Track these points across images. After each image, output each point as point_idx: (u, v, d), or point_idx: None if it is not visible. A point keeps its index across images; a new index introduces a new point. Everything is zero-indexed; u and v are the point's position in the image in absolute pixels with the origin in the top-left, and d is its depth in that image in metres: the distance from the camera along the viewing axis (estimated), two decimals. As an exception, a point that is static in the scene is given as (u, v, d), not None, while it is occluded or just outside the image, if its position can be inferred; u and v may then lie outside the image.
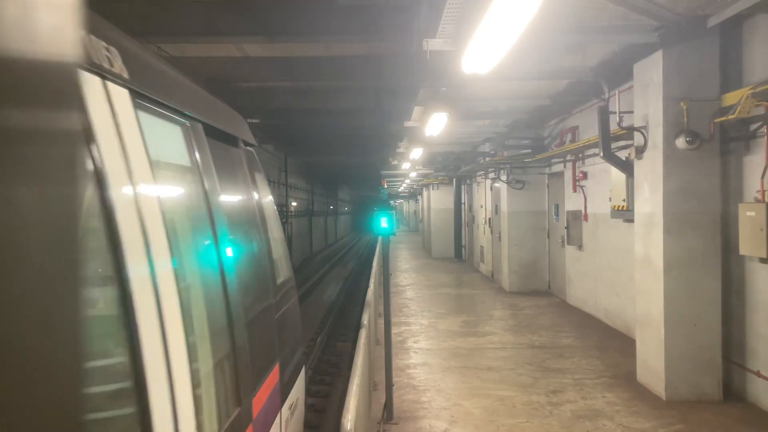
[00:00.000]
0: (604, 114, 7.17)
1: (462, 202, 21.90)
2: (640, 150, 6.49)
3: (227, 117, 3.50)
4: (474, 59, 4.88)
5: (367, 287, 8.18)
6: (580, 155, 10.74)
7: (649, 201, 6.34)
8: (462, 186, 21.81)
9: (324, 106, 11.68)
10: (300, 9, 7.00)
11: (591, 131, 9.34)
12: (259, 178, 4.01)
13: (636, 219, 6.75)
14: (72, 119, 0.62)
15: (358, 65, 9.13)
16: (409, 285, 14.95)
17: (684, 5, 5.40)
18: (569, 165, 11.37)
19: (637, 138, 6.56)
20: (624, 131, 7.14)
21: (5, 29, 0.50)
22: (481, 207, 17.72)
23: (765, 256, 5.43)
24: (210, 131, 2.87)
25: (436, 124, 9.25)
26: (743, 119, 5.62)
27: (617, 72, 7.10)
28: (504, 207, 13.96)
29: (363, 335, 4.83)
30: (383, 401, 5.76)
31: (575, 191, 11.07)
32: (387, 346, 5.90)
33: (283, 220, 18.14)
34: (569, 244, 11.46)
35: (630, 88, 7.12)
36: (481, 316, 10.83)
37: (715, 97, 5.96)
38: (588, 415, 5.69)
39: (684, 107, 5.94)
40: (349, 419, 2.90)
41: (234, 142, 3.51)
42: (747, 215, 5.61)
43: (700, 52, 5.99)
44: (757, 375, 5.79)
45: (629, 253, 7.86)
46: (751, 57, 5.85)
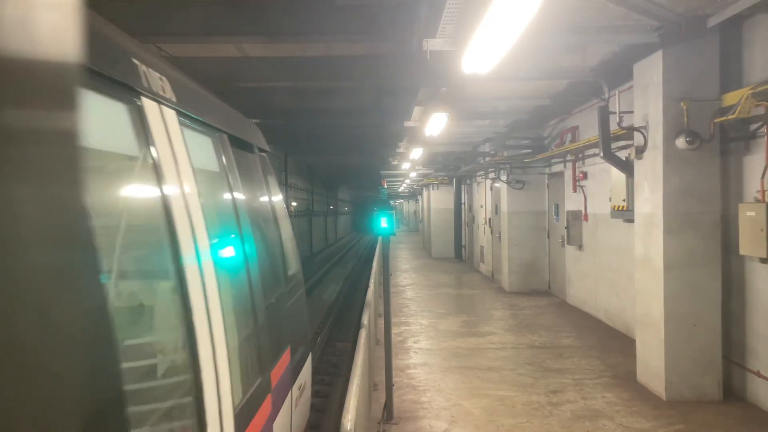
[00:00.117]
0: (604, 114, 7.17)
1: (462, 202, 21.90)
2: (640, 150, 6.49)
3: (244, 126, 3.95)
4: (474, 59, 4.88)
5: (367, 287, 8.17)
6: (580, 155, 10.74)
7: (649, 201, 6.34)
8: (462, 186, 21.80)
9: (324, 106, 11.67)
10: (300, 9, 6.99)
11: (591, 131, 9.34)
12: (271, 180, 4.47)
13: (636, 219, 6.75)
14: (72, 119, 0.62)
15: (358, 65, 9.13)
16: (409, 285, 14.95)
17: (684, 5, 5.40)
18: (569, 165, 11.37)
19: (637, 138, 6.56)
20: (624, 131, 7.14)
21: (9, 29, 0.50)
22: (481, 207, 17.71)
23: (765, 256, 5.43)
24: (233, 140, 3.33)
25: (436, 124, 9.25)
26: (743, 119, 5.62)
27: (617, 72, 7.10)
28: (504, 207, 13.96)
29: (363, 335, 4.83)
30: (383, 401, 5.76)
31: (575, 191, 11.07)
32: (387, 346, 5.90)
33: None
34: (569, 244, 11.46)
35: (630, 88, 7.12)
36: (481, 316, 10.83)
37: (715, 97, 5.96)
38: (588, 415, 5.70)
39: (684, 107, 5.94)
40: (349, 419, 2.90)
41: (250, 148, 3.95)
42: (747, 215, 5.61)
43: (700, 52, 5.99)
44: (757, 375, 5.79)
45: (629, 253, 7.86)
46: (751, 57, 5.85)
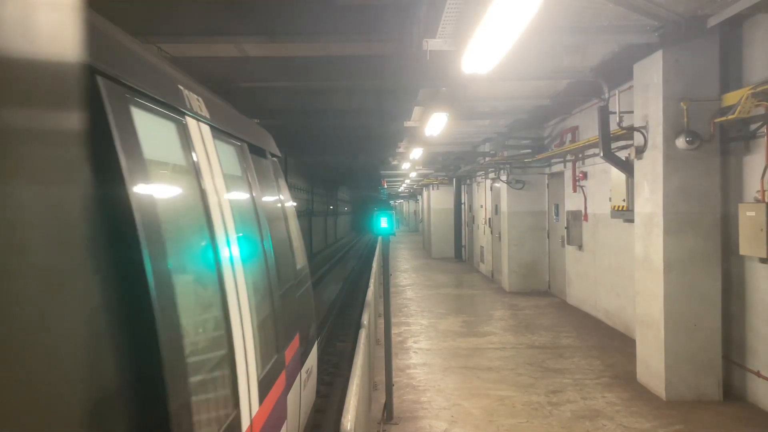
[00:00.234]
0: (604, 114, 7.16)
1: (462, 202, 21.89)
2: (640, 150, 6.49)
3: (259, 135, 4.42)
4: (474, 59, 4.88)
5: (367, 287, 8.17)
6: (580, 155, 10.74)
7: (649, 201, 6.34)
8: (462, 186, 21.80)
9: (324, 106, 11.66)
10: (300, 9, 6.98)
11: (591, 131, 9.34)
12: (282, 182, 4.96)
13: (636, 219, 6.75)
14: (72, 119, 0.62)
15: (358, 65, 9.12)
16: (409, 285, 14.95)
17: (684, 5, 5.40)
18: (569, 165, 11.37)
19: (637, 138, 6.56)
20: (624, 131, 7.13)
21: (10, 29, 0.50)
22: (481, 207, 17.71)
23: (765, 256, 5.43)
24: (251, 148, 3.82)
25: (436, 124, 9.25)
26: (743, 119, 5.63)
27: (617, 72, 7.10)
28: (504, 207, 13.96)
29: (363, 335, 4.82)
30: (383, 401, 5.76)
31: (575, 191, 11.07)
32: (387, 346, 5.90)
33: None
34: (569, 244, 11.46)
35: (630, 88, 7.12)
36: (481, 316, 10.83)
37: (715, 97, 5.96)
38: (588, 415, 5.69)
39: (684, 107, 5.94)
40: (349, 419, 2.90)
41: (264, 154, 4.40)
42: (747, 215, 5.60)
43: (700, 52, 5.99)
44: (757, 375, 5.79)
45: (629, 253, 7.86)
46: (751, 57, 5.85)
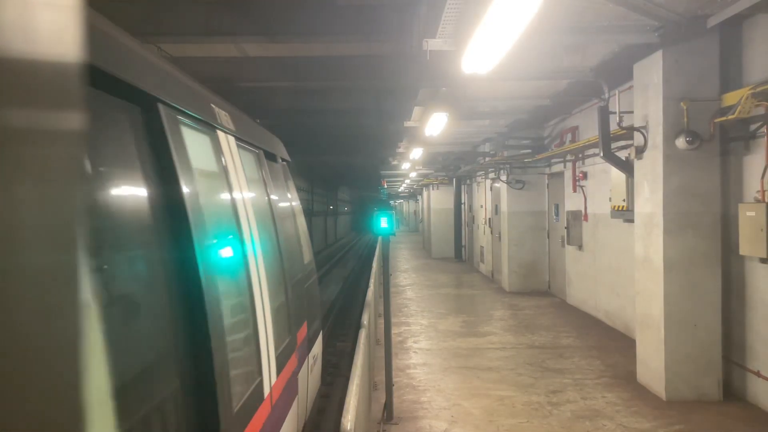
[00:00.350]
0: (604, 114, 7.17)
1: (462, 202, 21.89)
2: (640, 150, 6.49)
3: (271, 141, 4.88)
4: (474, 59, 4.88)
5: (367, 287, 8.17)
6: (580, 155, 10.74)
7: (649, 201, 6.34)
8: (462, 186, 21.79)
9: (324, 106, 11.65)
10: (300, 9, 6.98)
11: (591, 131, 9.34)
12: (291, 184, 5.52)
13: (636, 219, 6.75)
14: (72, 119, 0.62)
15: (358, 65, 9.12)
16: (409, 285, 14.95)
17: (684, 5, 5.40)
18: (569, 165, 11.37)
19: (637, 138, 6.56)
20: (624, 131, 7.13)
21: (10, 29, 0.50)
22: (481, 207, 17.71)
23: (765, 256, 5.43)
24: (265, 154, 4.31)
25: (436, 124, 9.25)
26: (743, 119, 5.62)
27: (617, 72, 7.10)
28: (504, 207, 13.96)
29: (363, 335, 4.82)
30: (383, 401, 5.76)
31: (575, 191, 11.06)
32: (387, 346, 5.90)
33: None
34: (569, 244, 11.46)
35: (630, 88, 7.12)
36: (481, 316, 10.83)
37: (715, 97, 5.96)
38: (588, 415, 5.69)
39: (684, 107, 5.94)
40: (349, 419, 2.89)
41: (276, 159, 4.87)
42: (747, 215, 5.60)
43: (700, 52, 5.99)
44: (757, 375, 5.79)
45: (629, 253, 7.86)
46: (751, 57, 5.85)
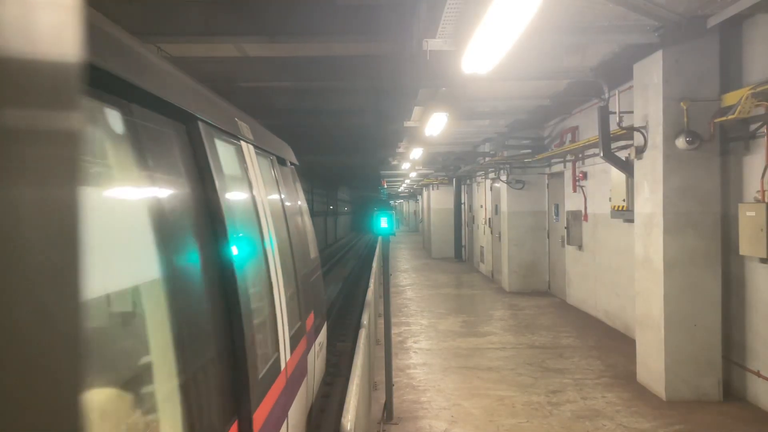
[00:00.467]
0: (604, 114, 7.16)
1: (462, 202, 21.89)
2: (640, 150, 6.49)
3: (282, 147, 5.22)
4: (474, 59, 4.88)
5: (367, 287, 8.17)
6: (580, 155, 10.73)
7: (649, 201, 6.33)
8: (462, 186, 21.79)
9: (324, 106, 11.66)
10: (300, 9, 6.99)
11: (591, 131, 9.34)
12: (298, 186, 5.94)
13: (636, 219, 6.75)
14: (72, 119, 0.62)
15: (357, 65, 9.12)
16: (409, 285, 14.95)
17: (684, 5, 5.40)
18: (569, 165, 11.37)
19: (637, 138, 6.56)
20: (624, 131, 7.13)
21: (9, 29, 0.50)
22: (481, 207, 17.71)
23: (765, 256, 5.43)
24: (277, 159, 4.73)
25: (435, 124, 9.24)
26: (743, 119, 5.62)
27: (617, 72, 7.10)
28: (504, 207, 13.96)
29: (363, 335, 4.82)
30: (383, 401, 5.76)
31: (575, 191, 11.06)
32: (387, 346, 5.89)
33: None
34: (569, 244, 11.46)
35: (630, 88, 7.12)
36: (481, 316, 10.83)
37: (715, 97, 5.96)
38: (588, 415, 5.69)
39: (684, 107, 5.94)
40: (349, 419, 2.89)
41: (285, 163, 5.23)
42: (747, 215, 5.60)
43: (700, 52, 5.99)
44: (757, 375, 5.79)
45: (629, 253, 7.86)
46: (751, 57, 5.85)
